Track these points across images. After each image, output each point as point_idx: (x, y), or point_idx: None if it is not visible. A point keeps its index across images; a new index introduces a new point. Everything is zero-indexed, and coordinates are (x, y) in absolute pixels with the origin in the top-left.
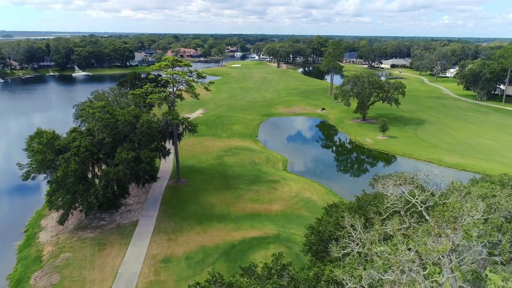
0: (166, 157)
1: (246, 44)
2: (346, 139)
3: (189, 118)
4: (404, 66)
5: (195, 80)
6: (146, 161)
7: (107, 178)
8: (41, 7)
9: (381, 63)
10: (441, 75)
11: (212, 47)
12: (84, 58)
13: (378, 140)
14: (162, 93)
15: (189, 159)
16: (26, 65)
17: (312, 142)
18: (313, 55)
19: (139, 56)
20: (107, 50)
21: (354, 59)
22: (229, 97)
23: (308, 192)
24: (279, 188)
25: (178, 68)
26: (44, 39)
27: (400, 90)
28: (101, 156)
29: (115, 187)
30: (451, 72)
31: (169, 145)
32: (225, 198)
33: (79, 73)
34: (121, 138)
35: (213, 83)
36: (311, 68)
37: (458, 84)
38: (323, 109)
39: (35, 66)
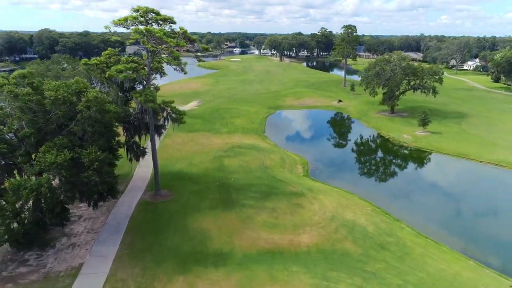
0: (141, 158)
1: (245, 40)
2: (376, 136)
3: (173, 102)
4: (415, 60)
5: (181, 41)
6: (94, 166)
7: (20, 196)
8: (38, 7)
9: None
10: (458, 68)
11: (210, 42)
12: (70, 49)
13: (419, 136)
14: (131, 63)
15: (176, 162)
16: (6, 58)
17: (335, 140)
18: (317, 49)
19: (131, 49)
20: (95, 41)
21: (362, 53)
22: (229, 88)
23: (349, 211)
24: (305, 205)
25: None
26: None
27: (437, 77)
28: (19, 158)
29: (43, 211)
30: (469, 64)
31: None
32: (225, 222)
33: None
34: (54, 129)
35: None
36: (315, 63)
37: (488, 75)
38: (340, 101)
39: (17, 58)
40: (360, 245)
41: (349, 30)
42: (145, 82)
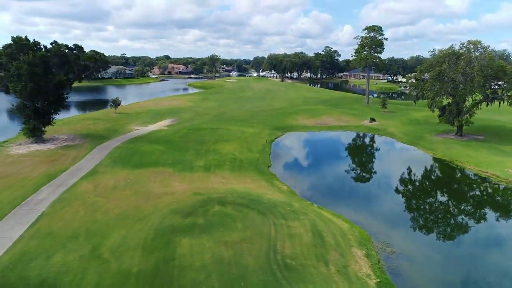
0: None
1: (243, 64)
2: (463, 173)
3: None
4: None
5: None
6: None
7: None
8: (39, 36)
9: (405, 77)
10: None
11: (205, 64)
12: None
13: None
14: None
15: (61, 247)
16: None
17: (397, 180)
18: (321, 69)
19: (113, 68)
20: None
21: (369, 74)
22: (219, 105)
23: None
24: None
25: None
26: None
27: None
28: None
29: None
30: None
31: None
32: None
33: None
34: None
35: None
36: (319, 85)
37: None
38: (373, 120)
39: None
40: None
41: (372, 33)
42: None
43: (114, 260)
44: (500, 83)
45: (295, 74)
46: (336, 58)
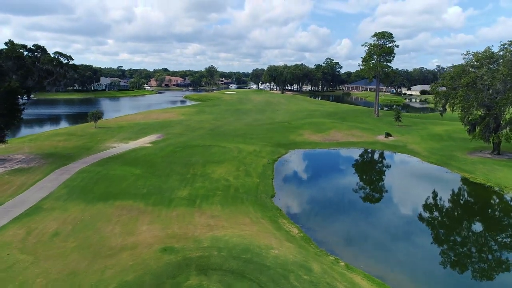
0: None
1: (242, 77)
2: None
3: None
4: None
5: None
6: None
7: None
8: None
9: (410, 89)
10: None
11: (203, 76)
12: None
13: None
14: None
15: None
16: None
17: (442, 217)
18: (322, 81)
19: (107, 80)
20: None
21: (372, 86)
22: (215, 118)
23: None
24: None
25: None
26: None
27: None
28: None
29: None
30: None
31: None
32: None
33: None
34: None
35: None
36: (320, 97)
37: None
38: (389, 135)
39: None
40: None
41: (381, 41)
42: None
43: None
44: None
45: (295, 86)
46: (337, 70)
